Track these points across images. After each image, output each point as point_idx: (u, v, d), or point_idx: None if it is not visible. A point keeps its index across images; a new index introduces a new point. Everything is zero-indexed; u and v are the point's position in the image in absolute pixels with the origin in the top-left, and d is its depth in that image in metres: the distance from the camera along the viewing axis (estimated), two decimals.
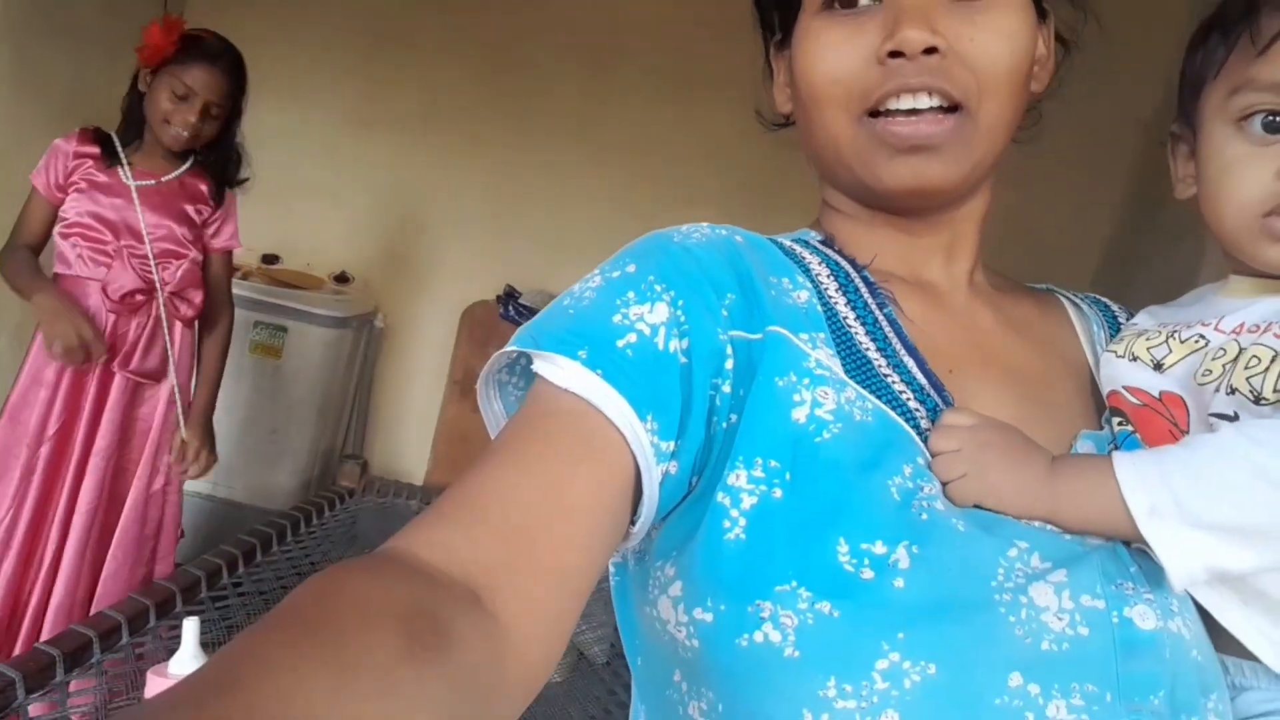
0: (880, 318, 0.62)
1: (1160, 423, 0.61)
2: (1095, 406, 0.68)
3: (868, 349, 0.60)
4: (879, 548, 0.52)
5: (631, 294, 0.57)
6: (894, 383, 0.59)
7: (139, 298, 2.11)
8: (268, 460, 3.19)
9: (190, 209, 2.19)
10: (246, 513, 3.08)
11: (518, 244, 3.67)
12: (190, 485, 2.39)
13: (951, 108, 0.59)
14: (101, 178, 2.10)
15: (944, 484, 0.56)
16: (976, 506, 0.56)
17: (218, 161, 2.23)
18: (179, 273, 2.16)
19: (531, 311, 3.44)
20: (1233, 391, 0.58)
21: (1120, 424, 0.64)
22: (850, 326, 0.61)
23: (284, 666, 0.34)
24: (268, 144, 2.30)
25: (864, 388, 0.58)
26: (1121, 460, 0.55)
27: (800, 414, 0.55)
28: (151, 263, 2.11)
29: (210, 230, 2.25)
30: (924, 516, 0.53)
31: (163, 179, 2.16)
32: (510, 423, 0.55)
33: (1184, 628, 0.55)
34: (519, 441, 0.53)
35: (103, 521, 2.13)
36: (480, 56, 3.64)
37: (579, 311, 0.57)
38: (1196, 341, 0.62)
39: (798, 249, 0.66)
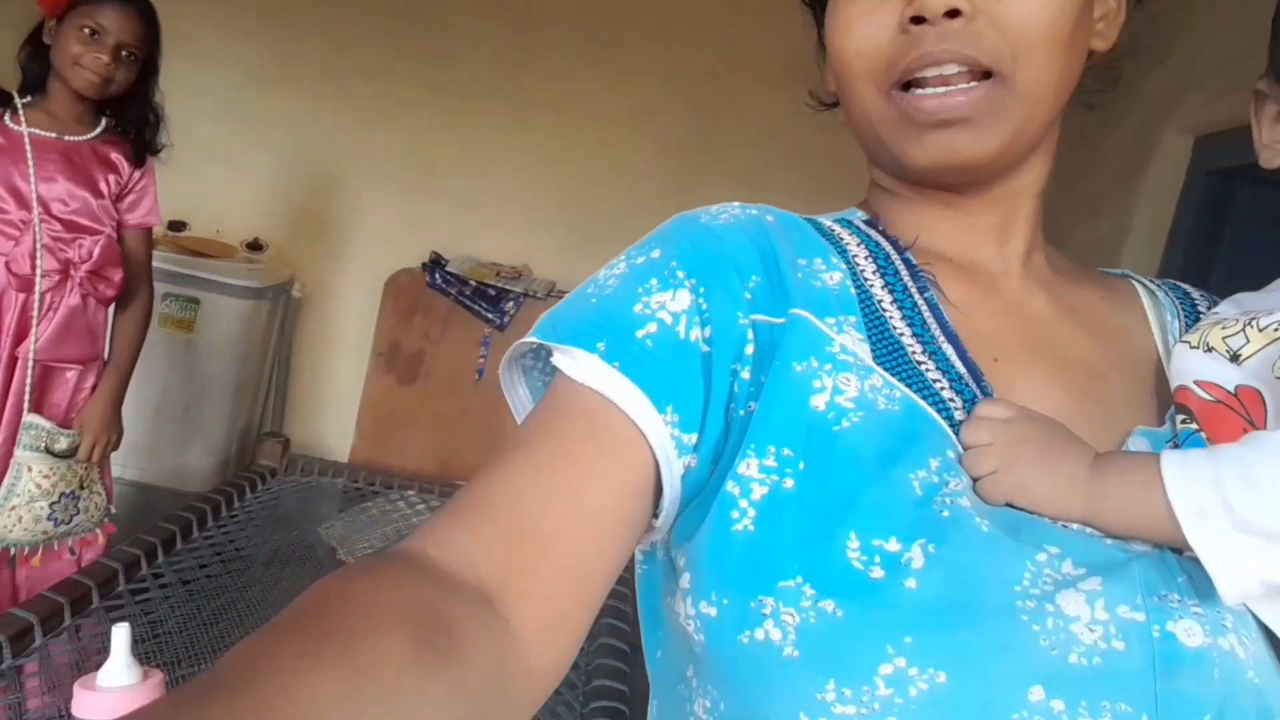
0: (920, 301, 0.59)
1: (1233, 421, 0.56)
2: (1159, 402, 0.63)
3: (901, 334, 0.57)
4: (892, 544, 0.49)
5: (654, 280, 0.56)
6: (928, 370, 0.56)
7: (51, 276, 1.94)
8: (181, 440, 3.02)
9: (103, 179, 2.02)
10: (160, 496, 2.92)
11: (441, 209, 3.54)
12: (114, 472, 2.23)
13: (984, 74, 0.55)
14: (3, 141, 1.92)
15: (974, 480, 0.53)
16: (1009, 505, 0.52)
17: (134, 121, 2.07)
18: (96, 249, 2.00)
19: (458, 279, 3.34)
20: None
21: (1184, 422, 0.58)
22: (885, 310, 0.58)
23: (292, 669, 0.34)
24: (170, 101, 2.13)
25: (893, 375, 0.55)
26: (1170, 458, 0.51)
27: (819, 400, 0.53)
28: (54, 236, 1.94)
29: (126, 203, 2.08)
30: (945, 514, 0.50)
31: (68, 137, 1.98)
32: (528, 419, 0.55)
33: (1238, 645, 0.50)
34: (535, 441, 0.52)
35: None
36: (392, 13, 3.48)
37: (600, 300, 0.56)
38: (1277, 330, 0.57)
39: (837, 229, 0.63)
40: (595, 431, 0.52)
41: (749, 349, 0.55)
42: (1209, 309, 0.68)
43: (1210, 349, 0.59)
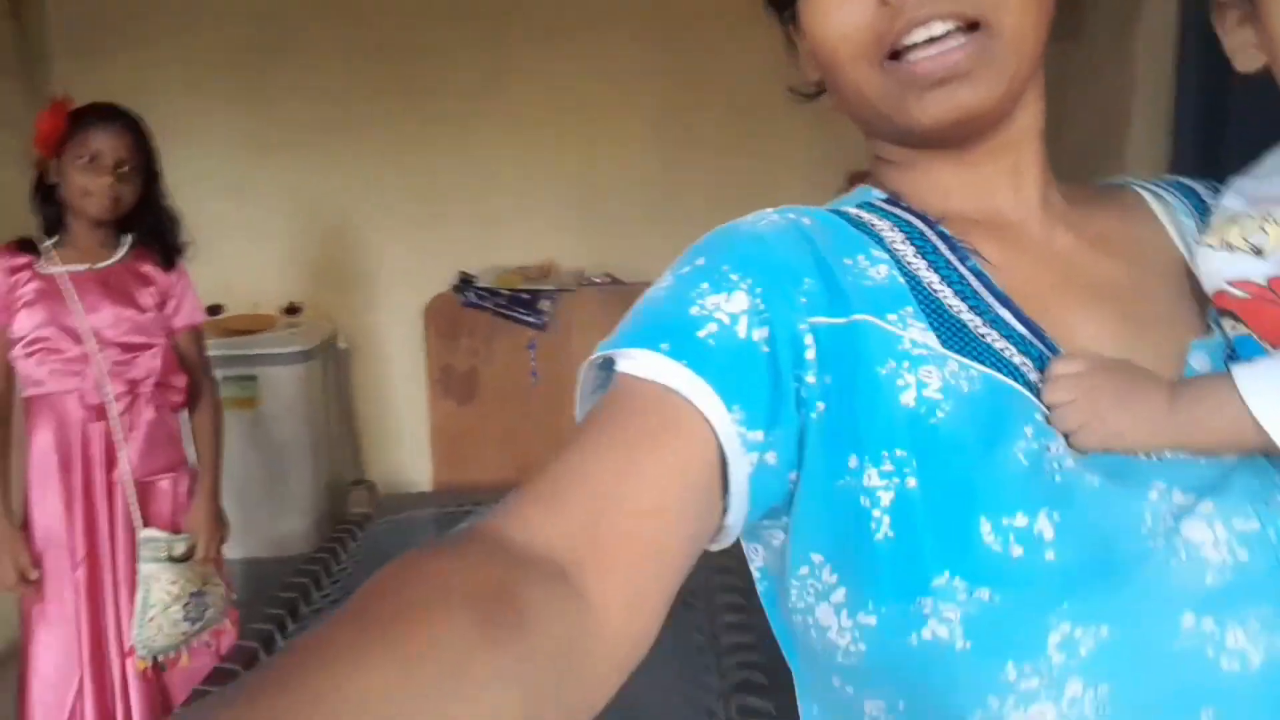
0: (965, 272, 0.60)
1: (1274, 311, 0.58)
2: (1198, 306, 0.64)
3: (960, 312, 0.58)
4: (1020, 520, 0.51)
5: (705, 285, 0.56)
6: (993, 341, 0.57)
7: (121, 400, 2.05)
8: (273, 509, 3.15)
9: (142, 294, 2.11)
10: (267, 566, 3.05)
11: (456, 230, 3.60)
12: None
13: (971, 25, 0.56)
14: (40, 285, 2.01)
15: (1066, 435, 0.54)
16: (1106, 451, 0.54)
17: (153, 229, 2.14)
18: (156, 362, 2.09)
19: (491, 292, 3.41)
20: None
21: (1233, 327, 0.60)
22: (937, 291, 0.59)
23: (345, 658, 0.34)
24: (177, 193, 2.21)
25: (965, 356, 0.56)
26: (1242, 374, 0.53)
27: (908, 398, 0.54)
28: (106, 359, 2.04)
29: (170, 309, 2.17)
30: (1057, 479, 0.52)
31: (97, 265, 2.07)
32: (591, 411, 0.55)
33: None
34: (600, 423, 0.53)
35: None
36: (371, 51, 3.53)
37: (653, 309, 0.56)
38: None
39: (865, 217, 0.63)
40: (661, 413, 0.52)
41: (809, 354, 0.55)
42: (1214, 197, 0.69)
43: (1232, 247, 0.60)
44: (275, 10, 3.50)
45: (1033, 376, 0.56)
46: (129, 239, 2.14)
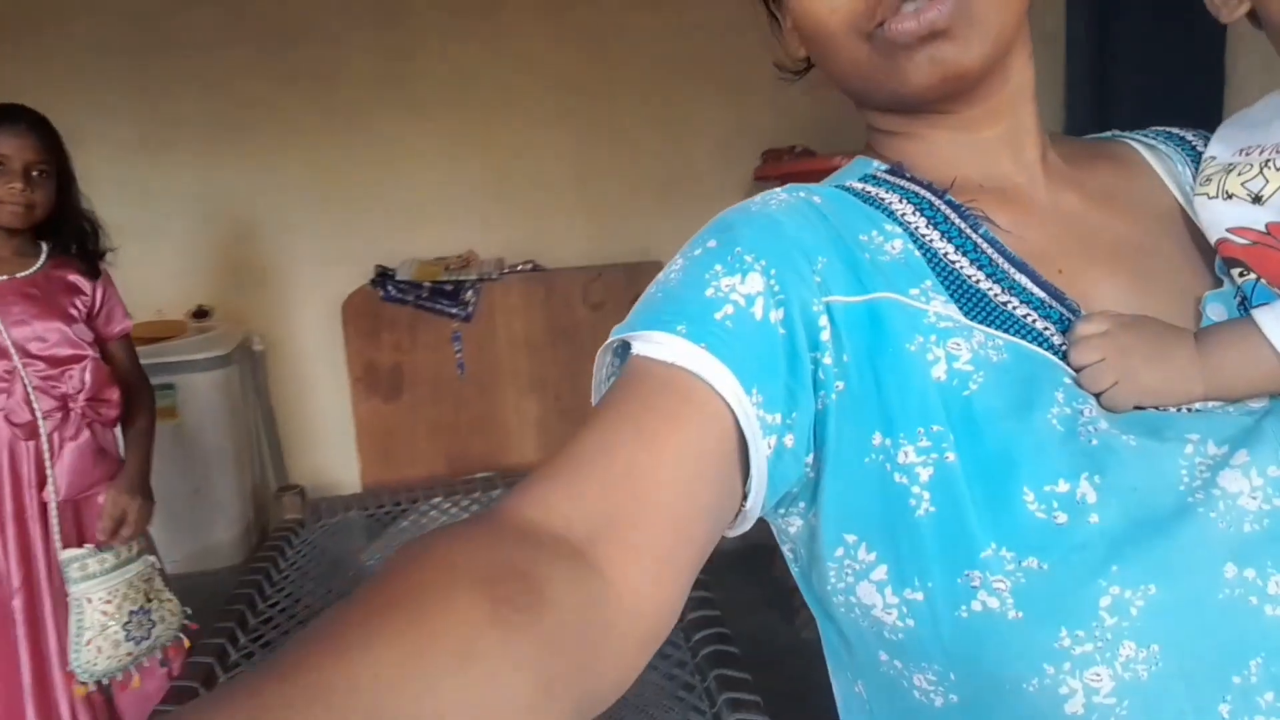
0: (979, 240, 0.60)
1: (1277, 256, 0.59)
2: (1204, 257, 0.65)
3: (978, 281, 0.58)
4: (1062, 486, 0.51)
5: (719, 267, 0.55)
6: (1015, 308, 0.58)
7: (51, 416, 1.94)
8: (200, 522, 3.03)
9: (71, 304, 2.00)
10: (200, 580, 2.94)
11: (368, 222, 3.52)
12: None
13: None
14: None
15: (1097, 396, 0.55)
16: (1138, 408, 0.55)
17: (72, 235, 2.04)
18: (87, 374, 1.99)
19: (412, 285, 3.35)
20: None
21: (1241, 274, 0.61)
22: (953, 262, 0.59)
23: (355, 644, 0.33)
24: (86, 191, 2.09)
25: (989, 325, 0.56)
26: (1264, 317, 0.54)
27: (939, 371, 0.54)
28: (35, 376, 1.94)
29: (100, 319, 2.06)
30: (1094, 442, 0.52)
31: (20, 275, 1.96)
32: (607, 394, 0.54)
33: None
34: (617, 404, 0.52)
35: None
36: (265, 39, 3.40)
37: (667, 293, 0.56)
38: None
39: (872, 190, 0.63)
40: (682, 398, 0.51)
41: (824, 334, 0.55)
42: (1204, 146, 0.69)
43: (1230, 195, 0.61)
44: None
45: (1057, 340, 0.57)
46: (45, 247, 2.03)
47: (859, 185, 0.64)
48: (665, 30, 3.36)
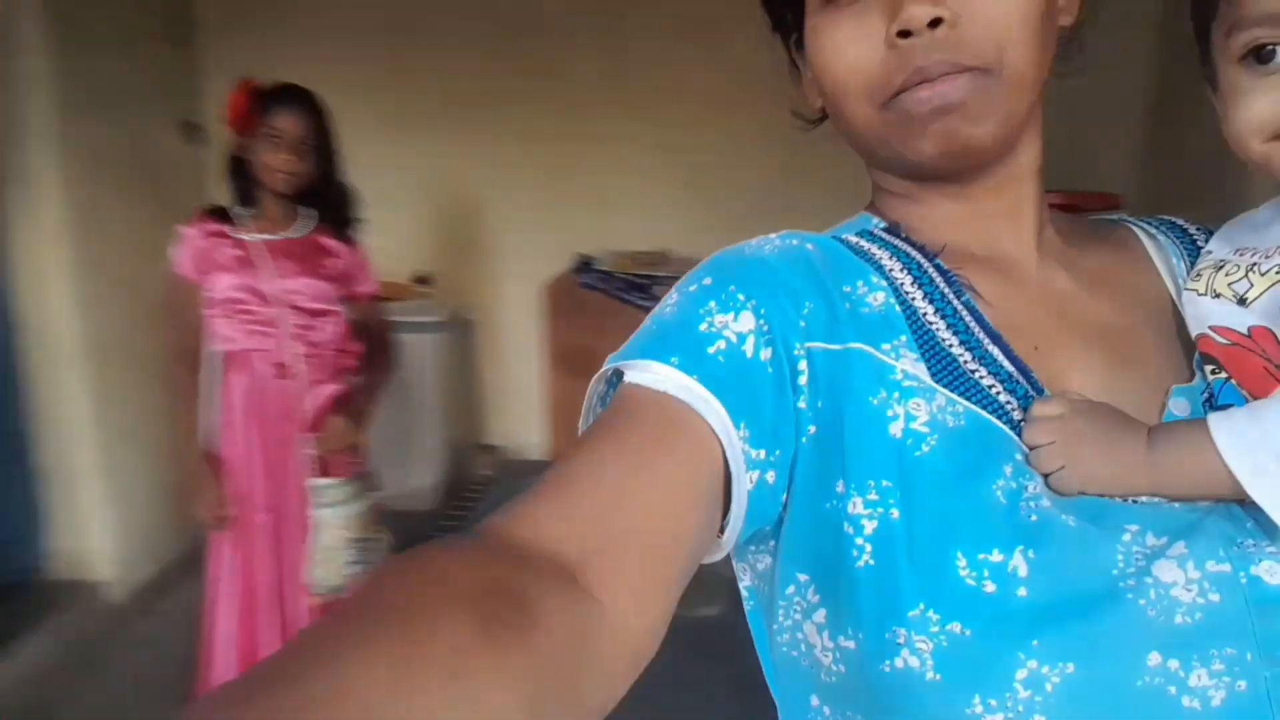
0: (959, 307, 0.61)
1: (1254, 360, 0.59)
2: (1184, 350, 0.65)
3: (951, 345, 0.59)
4: (996, 556, 0.52)
5: (713, 304, 0.56)
6: (981, 378, 0.58)
7: (306, 359, 2.27)
8: (404, 467, 3.38)
9: (325, 264, 2.32)
10: (396, 520, 3.29)
11: (577, 211, 3.79)
12: None
13: (973, 70, 0.57)
14: (237, 252, 2.23)
15: (1045, 476, 0.55)
16: (1082, 494, 0.55)
17: (331, 203, 2.34)
18: (335, 327, 2.31)
19: (609, 275, 3.59)
20: None
21: (1214, 371, 0.61)
22: (931, 323, 0.60)
23: (344, 657, 0.33)
24: None
25: (953, 390, 0.57)
26: (1217, 423, 0.54)
27: (896, 429, 0.55)
28: (298, 323, 2.26)
29: (349, 279, 2.38)
30: (1033, 518, 0.53)
31: (286, 234, 2.28)
32: (600, 417, 0.55)
33: None
34: (610, 428, 0.53)
35: None
36: (497, 33, 3.70)
37: (662, 325, 0.57)
38: (1278, 273, 0.60)
39: (865, 245, 0.64)
40: (673, 425, 0.52)
41: (803, 379, 0.56)
42: (1206, 238, 0.70)
43: (1218, 295, 0.62)
44: None
45: (1017, 415, 0.57)
46: (312, 213, 2.33)
47: (854, 239, 0.65)
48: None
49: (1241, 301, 0.61)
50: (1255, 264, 0.62)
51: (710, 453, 0.52)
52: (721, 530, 0.55)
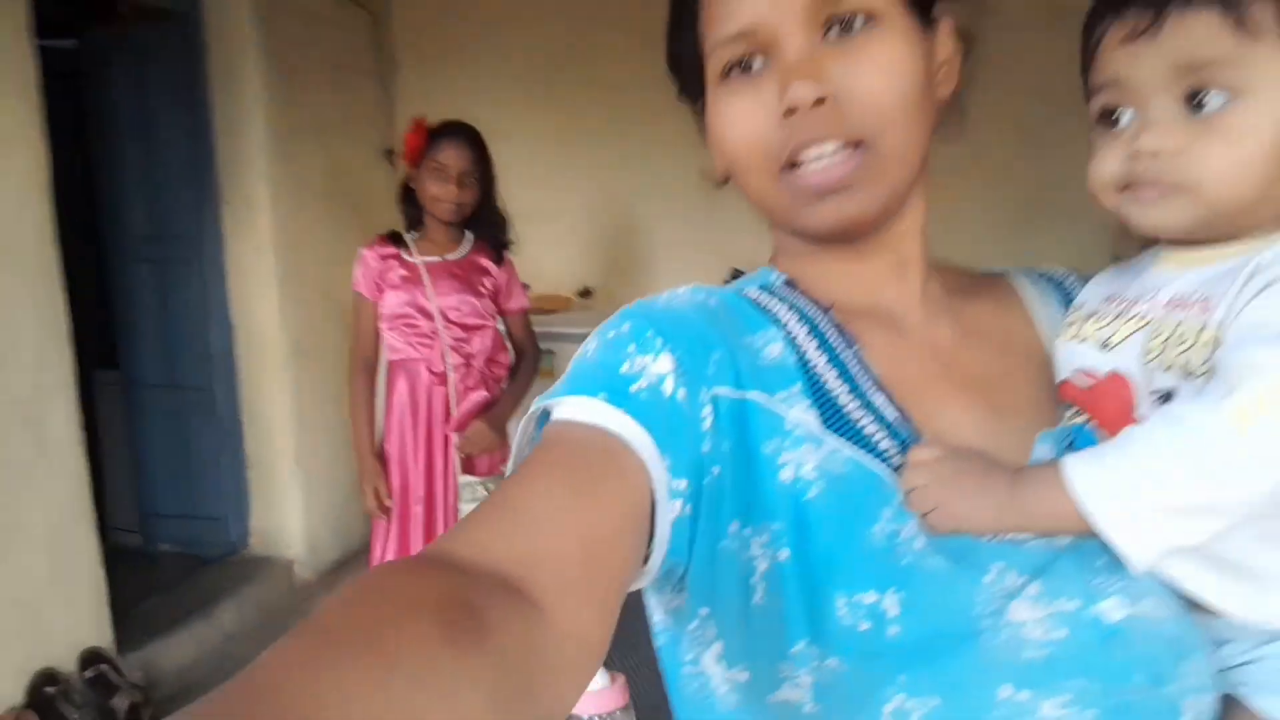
0: (849, 358, 0.65)
1: (1112, 403, 0.63)
2: (1054, 397, 0.69)
3: (839, 395, 0.62)
4: (870, 597, 0.55)
5: (633, 346, 0.59)
6: (865, 425, 0.62)
7: (458, 369, 2.51)
8: None
9: (481, 283, 2.55)
10: None
11: (731, 226, 3.88)
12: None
13: (856, 143, 0.61)
14: (405, 272, 2.49)
15: (921, 516, 0.58)
16: (955, 533, 0.58)
17: (487, 228, 2.57)
18: (486, 340, 2.54)
19: None
20: (1169, 368, 0.60)
21: (1073, 416, 0.66)
22: (822, 373, 0.63)
23: (319, 665, 0.34)
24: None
25: (840, 436, 0.60)
26: (1068, 464, 0.57)
27: (787, 474, 0.59)
28: (451, 336, 2.49)
29: (503, 296, 2.61)
30: (905, 560, 0.57)
31: (448, 257, 2.53)
32: (531, 453, 0.56)
33: (1155, 607, 0.59)
34: (543, 458, 0.55)
35: None
36: (656, 54, 3.83)
37: (586, 366, 0.59)
38: (1140, 320, 0.64)
39: (764, 299, 0.68)
40: (605, 454, 0.54)
41: (707, 423, 0.58)
42: (1079, 291, 0.74)
43: (1084, 339, 0.66)
44: (576, 14, 3.91)
45: (897, 460, 0.61)
46: (470, 236, 2.58)
47: (755, 293, 0.69)
48: (1032, 58, 3.32)
49: (1105, 346, 0.65)
50: (1121, 311, 0.65)
51: (640, 481, 0.54)
52: (646, 559, 0.56)
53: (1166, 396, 0.60)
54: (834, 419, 0.61)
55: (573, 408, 0.56)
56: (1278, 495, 0.53)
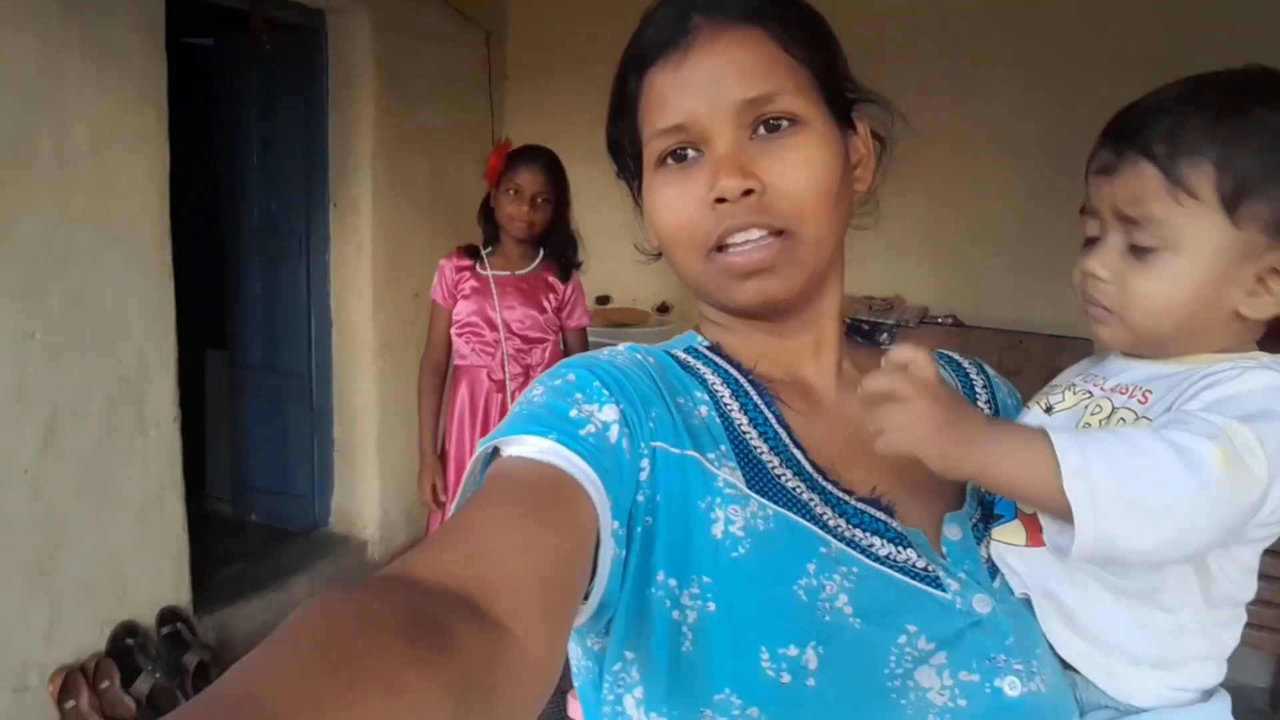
0: (769, 416, 0.69)
1: None
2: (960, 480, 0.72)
3: (762, 452, 0.67)
4: (792, 651, 0.59)
5: (579, 395, 0.62)
6: (786, 480, 0.66)
7: (516, 379, 2.65)
8: None
9: (545, 299, 2.69)
10: None
11: None
12: None
13: (778, 232, 0.66)
14: (476, 284, 2.66)
15: (880, 428, 0.61)
16: (909, 455, 0.60)
17: (558, 248, 2.71)
18: (545, 353, 2.67)
19: None
20: None
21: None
22: (745, 432, 0.68)
23: (290, 676, 0.34)
24: (584, 196, 2.68)
25: (764, 496, 0.64)
26: (1059, 435, 0.59)
27: (718, 530, 0.62)
28: (510, 347, 2.64)
29: (564, 313, 2.74)
30: (827, 618, 0.60)
31: (518, 272, 2.68)
32: (481, 486, 0.58)
33: (1043, 684, 0.64)
34: (495, 488, 0.56)
35: None
36: None
37: (534, 410, 0.61)
38: (1085, 395, 0.70)
39: (692, 362, 0.73)
40: (556, 487, 0.56)
41: (644, 475, 0.62)
42: (979, 374, 0.84)
43: (1034, 404, 0.74)
44: None
45: (818, 510, 0.65)
46: (541, 254, 2.72)
47: (682, 355, 0.74)
48: (1130, 94, 3.24)
49: (1048, 410, 0.72)
50: (1074, 384, 0.73)
51: (588, 517, 0.56)
52: (586, 595, 0.58)
53: None
54: (758, 478, 0.65)
55: (525, 445, 0.58)
56: (1214, 542, 0.59)
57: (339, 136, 3.55)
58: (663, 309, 4.06)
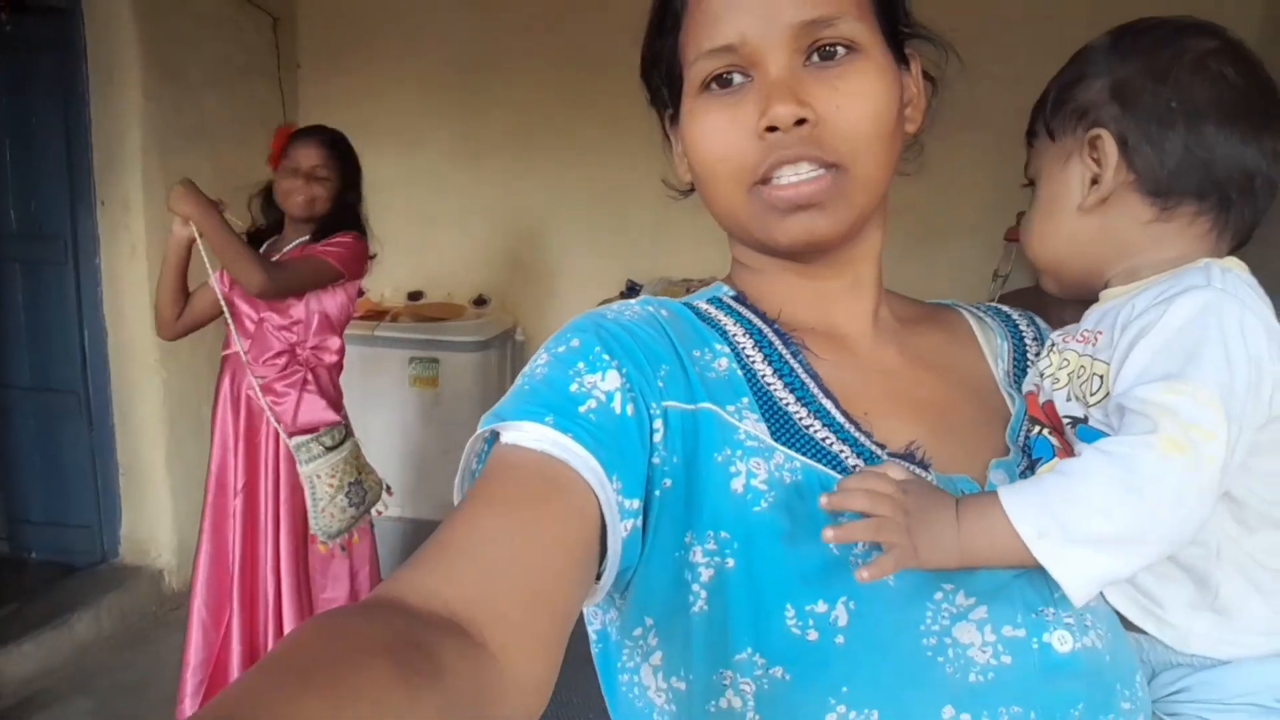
0: (795, 365, 0.66)
1: (1034, 402, 0.70)
2: (1001, 424, 0.71)
3: (788, 403, 0.64)
4: (820, 607, 0.56)
5: (581, 364, 0.60)
6: (815, 431, 0.63)
7: (281, 359, 2.43)
8: (445, 479, 3.51)
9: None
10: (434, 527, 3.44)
11: (630, 239, 3.85)
12: (388, 512, 2.70)
13: (828, 165, 0.62)
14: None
15: (872, 545, 0.58)
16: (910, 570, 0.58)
17: (335, 227, 2.45)
18: (312, 326, 2.45)
19: None
20: (1070, 398, 0.66)
21: (1039, 432, 0.69)
22: (769, 383, 0.64)
23: (284, 698, 0.35)
24: (394, 189, 2.53)
25: (790, 447, 0.61)
26: (1006, 495, 0.59)
27: (738, 484, 0.59)
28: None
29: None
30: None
31: (282, 252, 2.46)
32: (480, 477, 0.57)
33: (1098, 639, 0.60)
34: (488, 490, 0.55)
35: (308, 562, 2.49)
36: (562, 70, 3.82)
37: (534, 386, 0.59)
38: (1060, 353, 0.71)
39: (712, 311, 0.70)
40: (550, 482, 0.54)
41: (658, 436, 0.59)
42: (1029, 325, 0.80)
43: (1032, 368, 0.75)
44: (485, 28, 3.87)
45: (850, 462, 0.62)
46: (308, 236, 2.46)
47: (704, 306, 0.71)
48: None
49: (1041, 375, 0.74)
50: (1055, 342, 0.74)
51: (587, 506, 0.55)
52: (599, 576, 0.57)
53: (1074, 423, 0.67)
54: (783, 430, 0.62)
55: (520, 432, 0.56)
56: (1200, 523, 0.58)
57: (103, 129, 3.22)
58: (479, 301, 3.91)
